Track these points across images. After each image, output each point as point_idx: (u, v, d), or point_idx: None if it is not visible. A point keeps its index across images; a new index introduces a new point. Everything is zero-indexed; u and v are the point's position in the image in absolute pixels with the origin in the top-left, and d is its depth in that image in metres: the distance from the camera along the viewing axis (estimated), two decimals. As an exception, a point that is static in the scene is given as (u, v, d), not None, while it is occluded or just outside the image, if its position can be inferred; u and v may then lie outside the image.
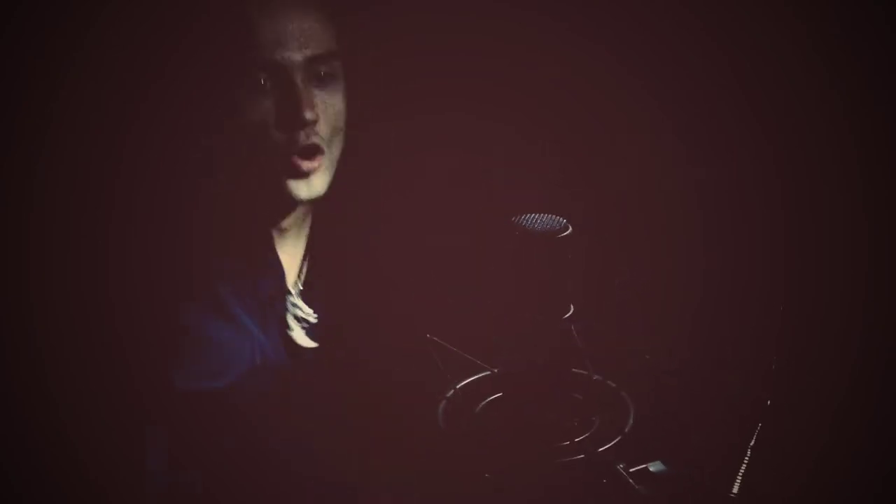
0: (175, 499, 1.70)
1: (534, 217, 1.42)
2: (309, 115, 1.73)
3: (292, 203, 1.81)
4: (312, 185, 1.78)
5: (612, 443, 1.40)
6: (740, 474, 1.60)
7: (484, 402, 1.50)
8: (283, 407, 1.82)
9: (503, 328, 1.44)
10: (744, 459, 1.62)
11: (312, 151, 1.76)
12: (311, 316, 1.90)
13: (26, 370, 1.71)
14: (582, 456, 1.38)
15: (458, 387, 1.50)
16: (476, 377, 1.52)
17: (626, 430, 1.42)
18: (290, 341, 1.89)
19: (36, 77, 1.80)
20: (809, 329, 1.98)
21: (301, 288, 1.91)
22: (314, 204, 1.87)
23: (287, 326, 1.89)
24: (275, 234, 1.87)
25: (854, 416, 1.89)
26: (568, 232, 1.41)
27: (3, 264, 1.74)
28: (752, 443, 1.63)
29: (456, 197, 2.01)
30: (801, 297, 2.00)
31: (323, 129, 1.77)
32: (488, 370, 1.51)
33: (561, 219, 1.42)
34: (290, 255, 1.91)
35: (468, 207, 1.96)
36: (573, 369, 1.47)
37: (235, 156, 1.77)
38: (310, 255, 1.94)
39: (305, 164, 1.76)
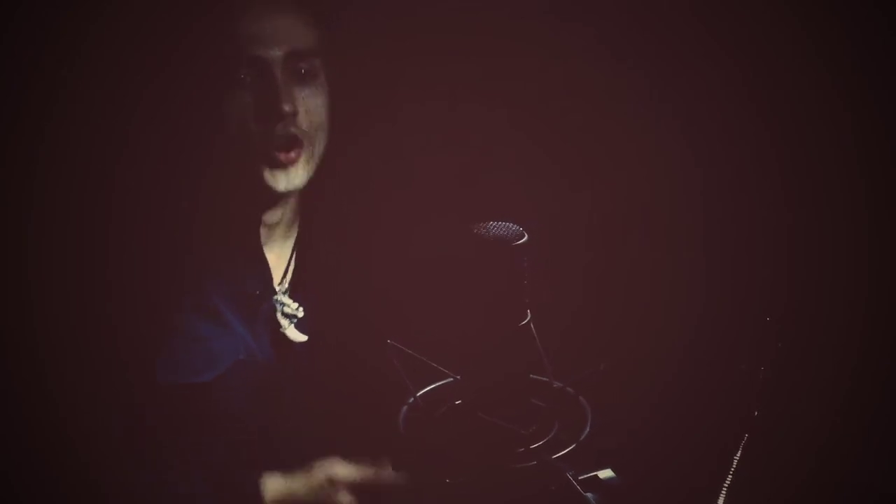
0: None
1: (491, 225, 1.43)
2: (287, 108, 1.76)
3: (273, 196, 1.84)
4: (291, 176, 1.81)
5: (567, 450, 1.40)
6: (725, 486, 1.60)
7: (444, 409, 1.51)
8: (268, 404, 1.85)
9: (462, 335, 1.45)
10: (729, 471, 1.62)
11: (291, 143, 1.79)
12: (299, 311, 1.92)
13: (24, 366, 1.74)
14: (535, 462, 1.39)
15: (419, 394, 1.51)
16: (438, 384, 1.53)
17: (582, 437, 1.42)
18: (281, 339, 1.91)
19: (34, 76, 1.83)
20: (811, 330, 1.97)
21: (288, 286, 1.93)
22: (301, 202, 1.90)
23: (277, 325, 1.91)
24: (263, 231, 1.89)
25: (854, 417, 1.88)
26: (524, 240, 1.42)
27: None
28: (737, 455, 1.63)
29: (444, 199, 2.02)
30: (801, 298, 1.99)
31: (303, 122, 1.80)
32: (451, 377, 1.53)
33: (517, 226, 1.44)
34: (278, 254, 1.93)
35: (454, 210, 1.97)
36: (533, 375, 1.48)
37: (217, 150, 1.80)
38: (297, 253, 1.95)
39: (283, 156, 1.79)
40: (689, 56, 2.04)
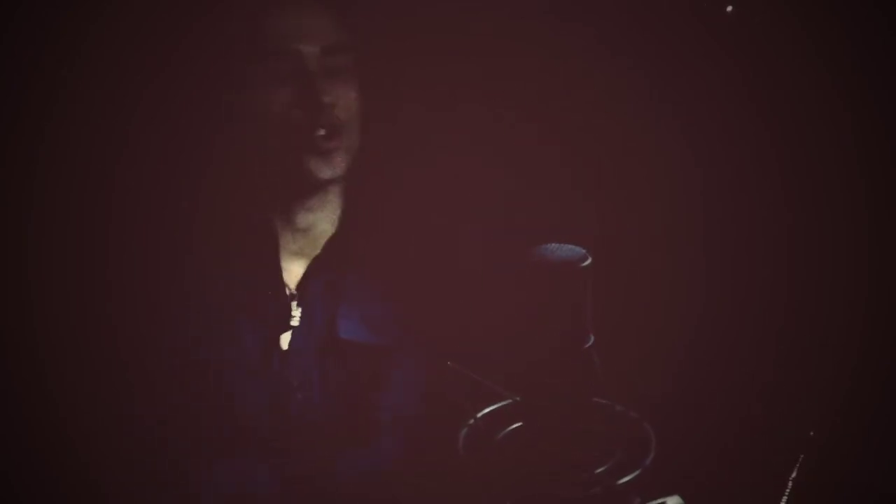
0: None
1: (554, 246, 1.41)
2: (327, 99, 1.81)
3: (314, 185, 1.86)
4: (334, 165, 1.85)
5: (631, 476, 1.38)
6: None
7: (505, 431, 1.48)
8: (299, 422, 1.84)
9: (524, 356, 1.42)
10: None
11: (332, 132, 1.83)
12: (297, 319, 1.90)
13: (24, 366, 1.74)
14: (598, 489, 1.37)
15: (478, 415, 1.48)
16: (497, 405, 1.50)
17: (647, 462, 1.40)
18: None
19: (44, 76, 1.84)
20: (811, 330, 1.97)
21: (297, 292, 1.91)
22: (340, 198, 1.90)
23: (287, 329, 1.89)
24: (288, 236, 1.89)
25: (854, 417, 1.88)
26: (588, 262, 1.39)
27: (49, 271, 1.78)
28: (793, 475, 1.62)
29: (479, 209, 2.01)
30: (801, 298, 1.99)
31: (340, 114, 1.84)
32: (511, 399, 1.50)
33: (580, 248, 1.41)
34: (297, 264, 1.92)
35: (492, 222, 1.96)
36: (595, 399, 1.45)
37: (259, 144, 1.82)
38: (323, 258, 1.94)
39: (324, 144, 1.82)
40: (689, 56, 2.04)
